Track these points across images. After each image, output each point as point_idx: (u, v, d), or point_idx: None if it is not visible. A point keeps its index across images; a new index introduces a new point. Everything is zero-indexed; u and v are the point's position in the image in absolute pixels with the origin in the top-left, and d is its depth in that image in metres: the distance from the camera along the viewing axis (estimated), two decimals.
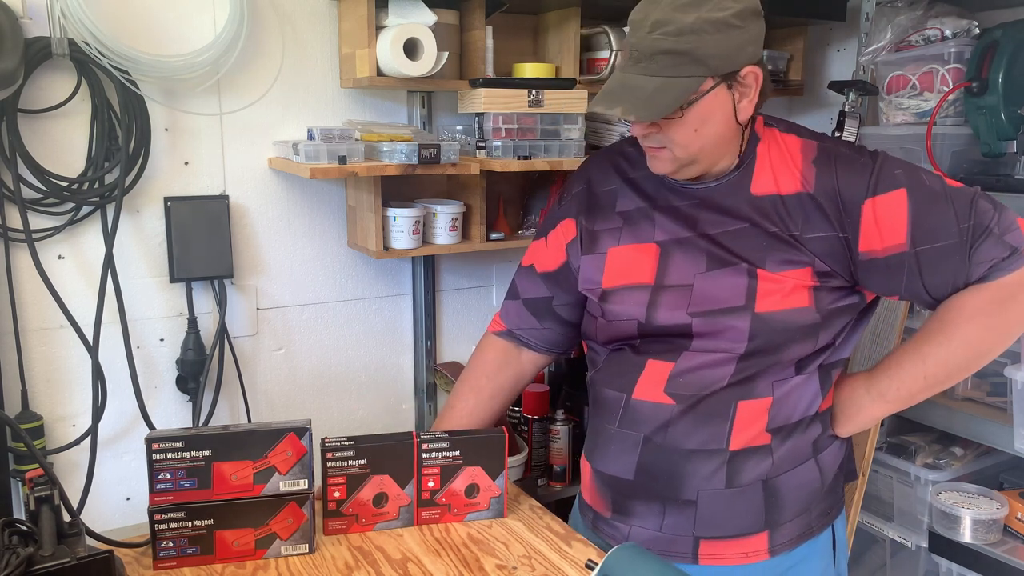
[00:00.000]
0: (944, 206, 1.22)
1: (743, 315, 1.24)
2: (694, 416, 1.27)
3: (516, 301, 1.51)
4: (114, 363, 1.79)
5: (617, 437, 1.33)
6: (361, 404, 2.17)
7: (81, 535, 1.05)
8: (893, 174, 1.24)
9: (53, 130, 1.69)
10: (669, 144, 1.23)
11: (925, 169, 1.29)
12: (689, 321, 1.27)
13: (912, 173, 1.25)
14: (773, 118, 1.35)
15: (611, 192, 1.40)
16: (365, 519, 1.33)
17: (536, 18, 2.14)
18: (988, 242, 1.21)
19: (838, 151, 1.27)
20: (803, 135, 1.31)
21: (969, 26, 1.95)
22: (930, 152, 1.91)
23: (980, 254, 1.21)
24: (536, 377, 2.10)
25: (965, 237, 1.21)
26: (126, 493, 1.89)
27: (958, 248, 1.21)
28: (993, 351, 1.26)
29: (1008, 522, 1.82)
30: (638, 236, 1.34)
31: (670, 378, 1.29)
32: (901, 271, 1.23)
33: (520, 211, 2.17)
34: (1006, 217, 1.23)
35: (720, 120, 1.23)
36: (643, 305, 1.31)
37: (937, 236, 1.21)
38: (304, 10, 1.91)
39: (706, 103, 1.20)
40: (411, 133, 1.89)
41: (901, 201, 1.22)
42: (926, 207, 1.22)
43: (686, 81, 1.18)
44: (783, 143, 1.30)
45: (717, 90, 1.20)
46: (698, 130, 1.22)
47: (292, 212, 1.99)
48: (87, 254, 1.77)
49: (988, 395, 1.84)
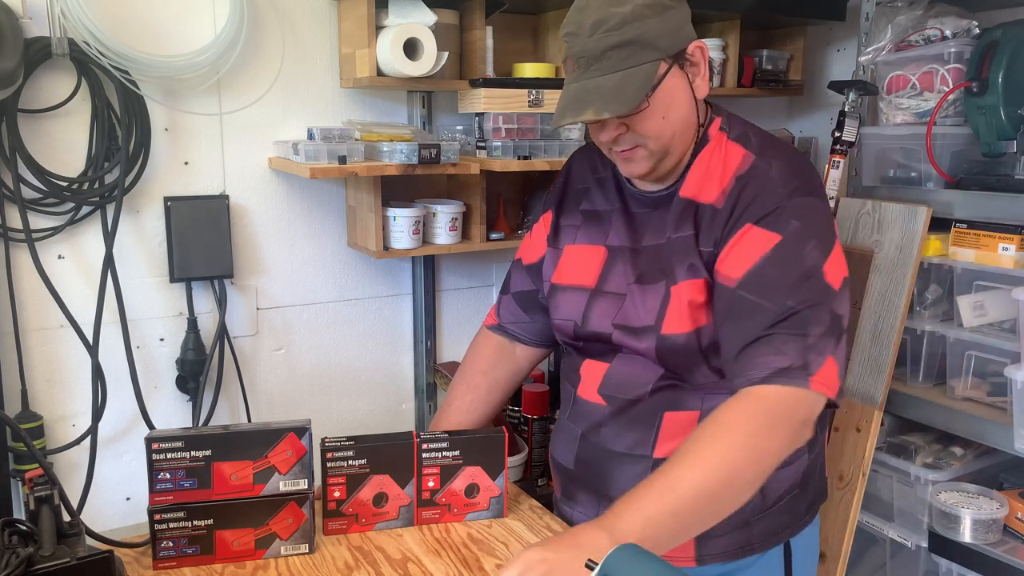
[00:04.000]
0: (794, 277, 1.14)
1: (650, 336, 1.23)
2: (623, 420, 1.28)
3: (508, 295, 1.53)
4: (114, 363, 1.79)
5: (565, 428, 1.40)
6: (361, 404, 2.17)
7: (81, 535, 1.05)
8: (787, 220, 1.16)
9: (53, 130, 1.69)
10: (642, 140, 1.22)
11: (826, 244, 1.18)
12: (611, 332, 1.28)
13: (802, 234, 1.16)
14: (737, 120, 1.30)
15: (582, 190, 1.42)
16: (365, 519, 1.33)
17: (536, 18, 2.14)
18: (793, 341, 1.12)
19: (765, 173, 1.20)
20: (749, 146, 1.25)
21: (969, 26, 1.95)
22: (930, 152, 1.91)
23: (777, 342, 1.12)
24: (536, 377, 2.12)
25: (781, 317, 1.12)
26: (126, 493, 1.89)
27: (768, 318, 1.13)
28: (742, 477, 1.08)
29: (1008, 522, 1.82)
30: (591, 237, 1.36)
31: (603, 380, 1.31)
32: (719, 301, 1.19)
33: (520, 211, 2.17)
34: (827, 344, 1.13)
35: (683, 102, 1.22)
36: (580, 308, 1.33)
37: (763, 292, 1.14)
38: (304, 10, 1.91)
39: (667, 87, 1.20)
40: (411, 133, 1.89)
41: (767, 245, 1.16)
42: (778, 264, 1.15)
43: (645, 68, 1.17)
44: (725, 151, 1.25)
45: (673, 72, 1.20)
46: (666, 117, 1.20)
47: (292, 212, 1.99)
48: (87, 254, 1.77)
49: (988, 395, 1.84)
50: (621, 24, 1.15)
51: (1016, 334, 1.73)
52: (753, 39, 2.48)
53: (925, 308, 1.93)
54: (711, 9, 2.16)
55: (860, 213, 2.00)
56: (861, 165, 2.12)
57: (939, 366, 1.93)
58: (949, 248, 1.88)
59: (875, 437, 1.89)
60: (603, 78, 1.17)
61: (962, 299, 1.85)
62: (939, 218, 1.88)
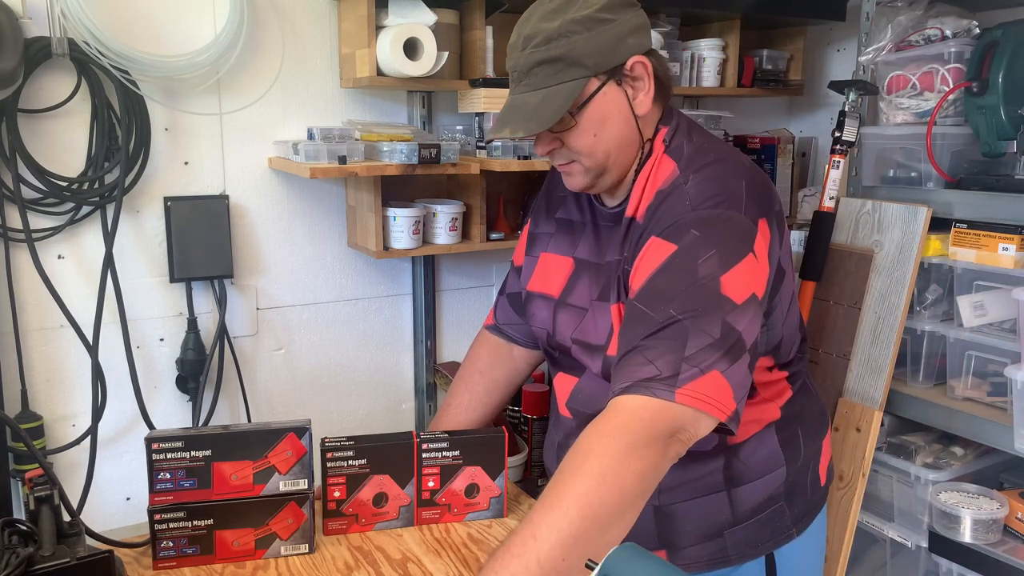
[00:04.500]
0: (681, 286, 1.07)
1: (599, 355, 1.22)
2: None
3: (503, 296, 1.54)
4: (114, 363, 1.79)
5: (549, 435, 1.43)
6: (361, 404, 2.17)
7: (81, 535, 1.05)
8: (685, 231, 1.11)
9: (53, 130, 1.69)
10: (575, 156, 1.20)
11: (731, 257, 1.09)
12: (570, 346, 1.28)
13: (698, 244, 1.09)
14: (684, 129, 1.24)
15: (560, 198, 1.41)
16: (365, 519, 1.33)
17: None
18: (668, 352, 1.03)
19: (680, 188, 1.16)
20: (679, 159, 1.19)
21: (969, 26, 1.95)
22: (930, 152, 1.91)
23: (651, 352, 1.04)
24: (536, 377, 2.12)
25: (661, 326, 1.05)
26: (126, 493, 1.89)
27: (650, 327, 1.07)
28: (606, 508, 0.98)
29: (1008, 522, 1.82)
30: (561, 247, 1.35)
31: (571, 394, 1.31)
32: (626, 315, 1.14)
33: (520, 211, 2.17)
34: (709, 358, 1.03)
35: (619, 120, 1.18)
36: (549, 317, 1.33)
37: (650, 301, 1.09)
38: (304, 10, 1.91)
39: (598, 105, 1.16)
40: (411, 133, 1.88)
41: (663, 254, 1.11)
42: (669, 273, 1.10)
43: (568, 86, 1.14)
44: (661, 166, 1.20)
45: (606, 89, 1.16)
46: (597, 135, 1.17)
47: (292, 212, 1.99)
48: (87, 254, 1.77)
49: (988, 395, 1.84)
50: (547, 40, 1.14)
51: (1016, 334, 1.73)
52: (753, 39, 2.48)
53: (925, 308, 1.93)
54: (711, 9, 2.16)
55: (860, 213, 2.00)
56: (861, 165, 2.12)
57: (939, 366, 1.93)
58: (949, 248, 1.87)
59: (875, 437, 1.89)
60: (528, 94, 1.16)
61: (962, 299, 1.85)
62: (939, 218, 1.88)
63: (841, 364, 1.98)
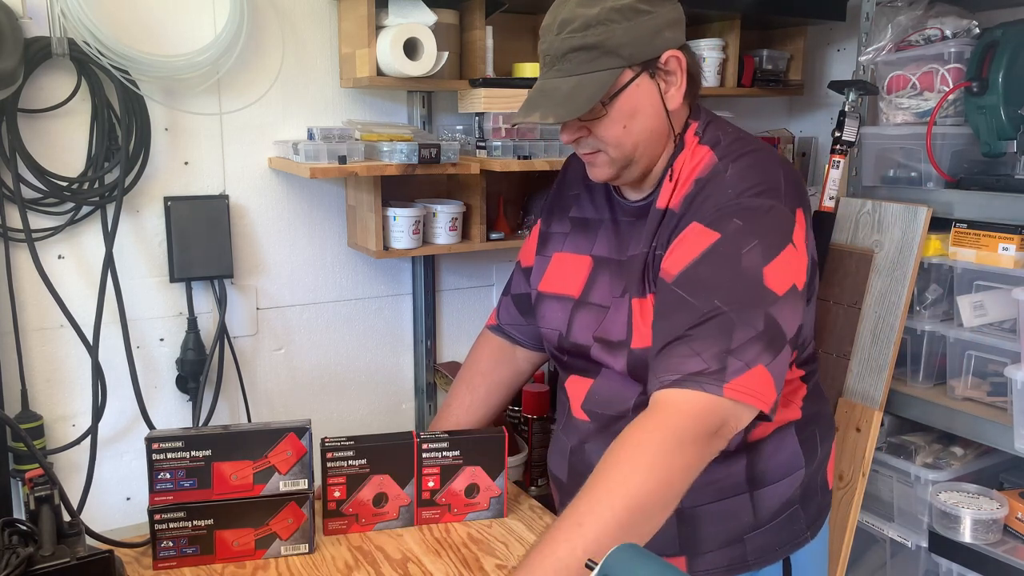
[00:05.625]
0: (726, 277, 1.08)
1: (622, 351, 1.21)
2: (607, 436, 1.22)
3: (507, 296, 1.53)
4: (114, 363, 1.79)
5: (559, 440, 1.38)
6: (361, 404, 2.17)
7: (81, 535, 1.05)
8: (729, 220, 1.11)
9: (53, 130, 1.69)
10: (602, 146, 1.19)
11: (772, 248, 1.10)
12: (591, 345, 1.26)
13: (742, 234, 1.10)
14: (715, 123, 1.25)
15: (573, 196, 1.39)
16: (365, 519, 1.33)
17: (536, 18, 2.13)
18: (713, 344, 1.04)
19: (721, 175, 1.16)
20: (717, 149, 1.19)
21: (969, 26, 1.95)
22: (930, 152, 1.91)
23: (697, 344, 1.05)
24: (536, 377, 2.11)
25: (706, 317, 1.06)
26: (126, 493, 1.89)
27: (693, 317, 1.07)
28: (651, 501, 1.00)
29: (1008, 522, 1.82)
30: (578, 246, 1.34)
31: (587, 396, 1.29)
32: (658, 297, 1.14)
33: (520, 211, 2.17)
34: (753, 351, 1.05)
35: (650, 113, 1.17)
36: (565, 318, 1.31)
37: (693, 289, 1.09)
38: (304, 10, 1.91)
39: (630, 96, 1.15)
40: (411, 133, 1.89)
41: (705, 242, 1.11)
42: (712, 262, 1.09)
43: (602, 75, 1.13)
44: (696, 155, 1.20)
45: (639, 81, 1.15)
46: (627, 126, 1.16)
47: (292, 212, 1.99)
48: (87, 254, 1.77)
49: (988, 395, 1.84)
50: (585, 27, 1.12)
51: (1016, 334, 1.73)
52: (753, 39, 2.48)
53: (925, 308, 1.93)
54: (711, 9, 2.16)
55: (860, 213, 2.00)
56: (861, 165, 2.12)
57: (939, 366, 1.93)
58: (949, 248, 1.87)
59: (875, 437, 1.89)
60: (560, 80, 1.15)
61: (962, 299, 1.85)
62: (939, 218, 1.88)
63: (841, 364, 1.98)
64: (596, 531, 0.98)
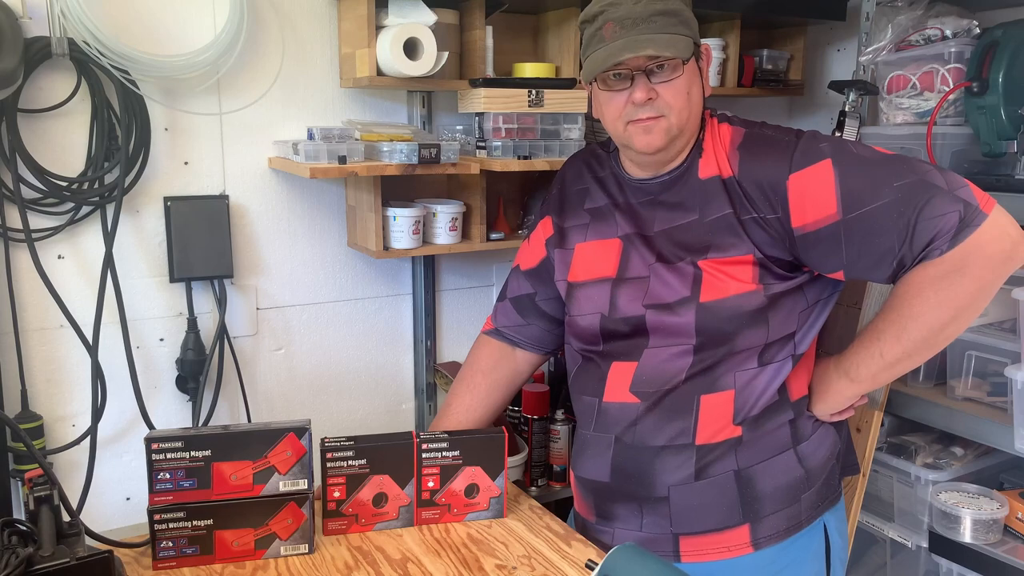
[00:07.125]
0: (874, 168, 1.19)
1: (689, 306, 1.25)
2: (659, 412, 1.28)
3: (504, 301, 1.55)
4: (114, 363, 1.79)
5: (592, 441, 1.37)
6: (361, 404, 2.17)
7: (81, 535, 1.05)
8: (816, 148, 1.23)
9: (53, 130, 1.69)
10: (666, 111, 1.25)
11: (857, 142, 1.29)
12: (643, 313, 1.29)
13: (838, 144, 1.24)
14: (716, 111, 1.39)
15: (582, 191, 1.44)
16: (365, 519, 1.33)
17: (536, 18, 2.14)
18: (938, 198, 1.15)
19: (763, 134, 1.29)
20: (734, 123, 1.34)
21: (969, 26, 1.95)
22: (930, 152, 1.91)
23: (931, 209, 1.15)
24: (536, 377, 2.12)
25: (905, 194, 1.16)
26: (126, 493, 1.89)
27: (896, 206, 1.17)
28: (948, 328, 1.20)
29: (1008, 522, 1.82)
30: (602, 232, 1.38)
31: (634, 377, 1.31)
32: (838, 243, 1.21)
33: (520, 211, 2.17)
34: (954, 177, 1.18)
35: (697, 91, 1.29)
36: (606, 297, 1.34)
37: (867, 199, 1.18)
38: (304, 10, 1.91)
39: (692, 69, 1.27)
40: (411, 133, 1.88)
41: (827, 172, 1.21)
42: (853, 172, 1.20)
43: (684, 38, 1.24)
44: (718, 132, 1.33)
45: (693, 60, 1.28)
46: (690, 94, 1.26)
47: (292, 212, 1.99)
48: (87, 254, 1.77)
49: (988, 395, 1.84)
50: None
51: (1016, 334, 1.73)
52: (753, 39, 2.48)
53: None
54: (711, 9, 2.16)
55: None
56: None
57: (939, 366, 1.93)
58: None
59: (875, 437, 1.89)
60: (651, 35, 1.21)
61: None
62: None
63: None
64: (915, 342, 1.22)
